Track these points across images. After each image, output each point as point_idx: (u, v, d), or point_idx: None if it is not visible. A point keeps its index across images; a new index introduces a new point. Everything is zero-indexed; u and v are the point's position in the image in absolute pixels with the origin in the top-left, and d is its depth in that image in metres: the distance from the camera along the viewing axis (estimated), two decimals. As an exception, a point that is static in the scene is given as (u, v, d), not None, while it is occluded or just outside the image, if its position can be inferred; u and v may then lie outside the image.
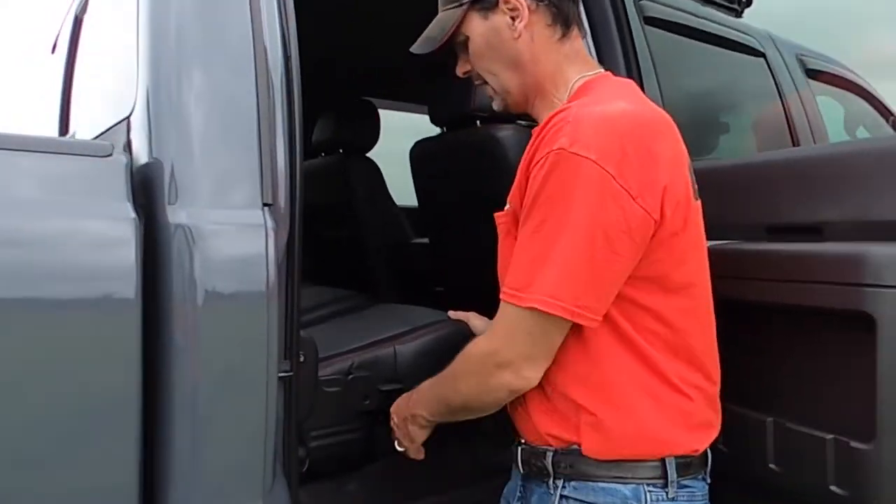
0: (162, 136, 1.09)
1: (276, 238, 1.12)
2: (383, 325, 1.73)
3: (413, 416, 1.25)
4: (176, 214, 1.05)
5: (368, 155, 2.73)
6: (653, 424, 1.03)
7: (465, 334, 1.62)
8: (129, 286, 0.99)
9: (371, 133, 2.70)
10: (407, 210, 2.73)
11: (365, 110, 2.69)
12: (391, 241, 2.62)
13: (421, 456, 1.31)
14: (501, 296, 1.04)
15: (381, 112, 2.68)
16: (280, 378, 1.18)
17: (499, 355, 1.04)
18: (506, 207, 1.16)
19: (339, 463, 1.55)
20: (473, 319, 1.60)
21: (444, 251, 2.28)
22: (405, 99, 3.13)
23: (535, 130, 1.08)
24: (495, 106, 1.25)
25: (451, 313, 1.69)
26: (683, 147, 1.10)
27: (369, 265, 2.61)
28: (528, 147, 1.08)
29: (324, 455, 1.50)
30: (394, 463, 1.66)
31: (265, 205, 1.12)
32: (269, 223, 1.12)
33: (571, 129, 0.98)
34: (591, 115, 1.00)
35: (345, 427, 1.53)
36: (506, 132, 1.85)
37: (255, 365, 1.10)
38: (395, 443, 1.35)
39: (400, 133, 2.49)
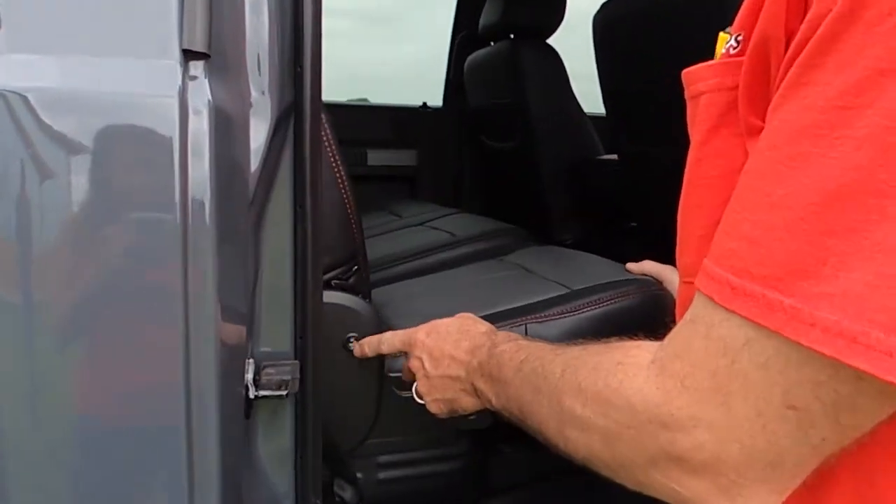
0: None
1: (214, 122, 0.53)
2: (522, 284, 1.10)
3: (473, 385, 0.71)
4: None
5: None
6: None
7: (657, 305, 0.97)
8: None
9: (551, 11, 2.00)
10: (595, 120, 2.00)
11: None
12: (571, 155, 1.93)
13: (442, 416, 0.77)
14: (704, 284, 0.41)
15: None
16: (252, 397, 0.63)
17: (691, 444, 0.42)
18: (725, 50, 0.47)
19: (433, 501, 0.98)
20: (671, 275, 1.00)
21: (643, 170, 1.55)
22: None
23: None
24: None
25: (634, 266, 1.04)
26: None
27: (541, 188, 1.94)
28: None
29: (406, 490, 0.95)
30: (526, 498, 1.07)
31: (189, 53, 0.52)
32: (198, 91, 0.52)
33: None
34: None
35: (438, 451, 0.95)
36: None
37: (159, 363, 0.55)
38: (413, 388, 0.78)
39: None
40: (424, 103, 2.53)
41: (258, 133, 0.61)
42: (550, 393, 0.53)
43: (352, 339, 0.83)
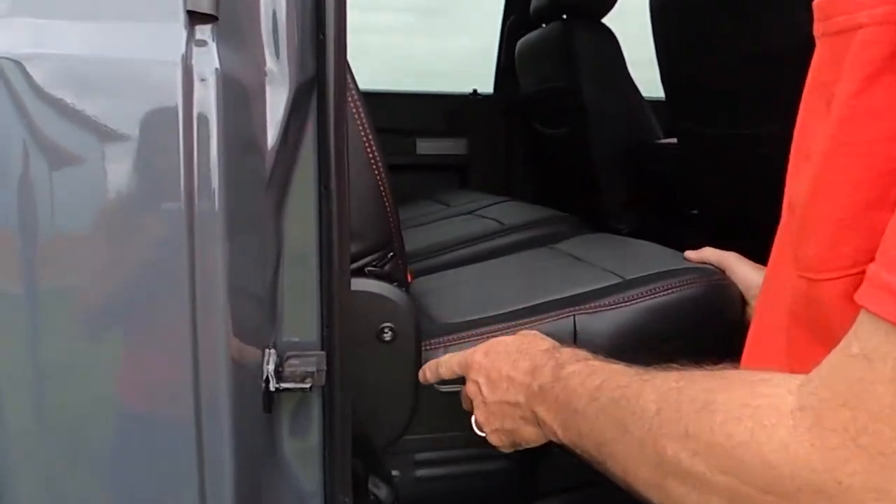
0: None
1: (223, 91, 0.48)
2: (572, 272, 1.03)
3: (534, 413, 0.59)
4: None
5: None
6: None
7: (720, 296, 0.89)
8: None
9: (607, -12, 1.91)
10: (653, 104, 1.89)
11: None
12: (628, 139, 1.83)
13: (505, 449, 0.67)
14: (885, 306, 0.32)
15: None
16: (273, 390, 0.58)
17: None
18: None
19: (473, 501, 0.93)
20: (735, 264, 0.90)
21: (703, 153, 1.45)
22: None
23: None
24: None
25: (693, 254, 0.96)
26: None
27: (595, 174, 1.86)
28: None
29: (445, 489, 0.90)
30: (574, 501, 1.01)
31: (195, 15, 0.48)
32: (205, 57, 0.48)
33: None
34: None
35: (480, 450, 0.89)
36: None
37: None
38: (473, 419, 0.69)
39: None
40: (475, 90, 2.47)
41: (275, 106, 0.56)
42: (643, 434, 0.43)
43: (386, 329, 0.78)
